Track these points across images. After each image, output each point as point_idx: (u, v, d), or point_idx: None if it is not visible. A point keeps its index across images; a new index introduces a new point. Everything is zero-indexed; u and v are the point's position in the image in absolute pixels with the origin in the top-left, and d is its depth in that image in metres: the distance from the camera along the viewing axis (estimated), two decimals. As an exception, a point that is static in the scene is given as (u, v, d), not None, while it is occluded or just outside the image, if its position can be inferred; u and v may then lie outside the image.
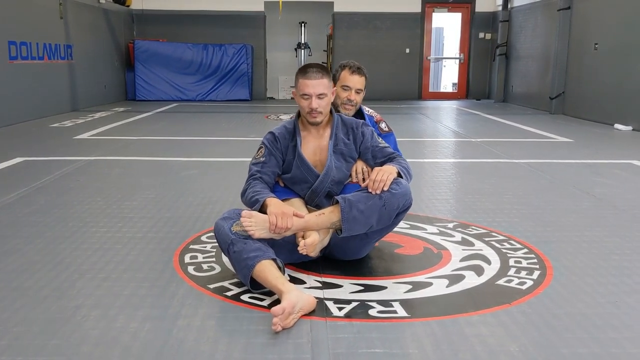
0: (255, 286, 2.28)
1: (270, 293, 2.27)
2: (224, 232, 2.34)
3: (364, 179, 2.60)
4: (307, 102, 2.53)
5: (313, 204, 2.63)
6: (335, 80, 2.93)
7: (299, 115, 2.67)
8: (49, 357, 1.81)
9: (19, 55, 7.87)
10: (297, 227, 2.37)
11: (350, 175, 2.65)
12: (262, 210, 2.39)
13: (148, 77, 11.77)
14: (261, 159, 2.60)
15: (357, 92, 2.95)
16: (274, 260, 2.27)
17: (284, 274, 2.27)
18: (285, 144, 2.62)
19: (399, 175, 2.45)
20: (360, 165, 2.65)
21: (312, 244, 2.37)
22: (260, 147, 2.64)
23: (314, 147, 2.63)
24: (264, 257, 2.24)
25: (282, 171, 2.64)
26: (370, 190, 2.38)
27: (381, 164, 2.57)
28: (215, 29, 12.47)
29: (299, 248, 2.36)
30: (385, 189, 2.36)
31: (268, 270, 2.21)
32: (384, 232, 2.57)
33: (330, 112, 2.65)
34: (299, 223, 2.37)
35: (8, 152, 5.48)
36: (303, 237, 2.41)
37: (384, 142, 2.69)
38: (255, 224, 2.31)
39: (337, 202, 2.38)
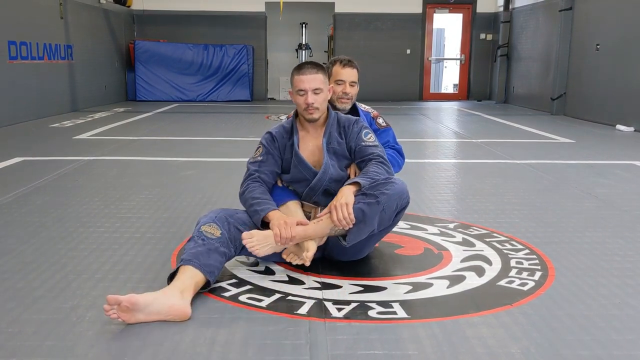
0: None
1: (269, 293, 2.26)
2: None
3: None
4: (303, 97, 2.51)
5: (311, 201, 2.60)
6: (328, 77, 2.91)
7: (297, 115, 2.65)
8: (43, 357, 1.79)
9: (19, 55, 7.86)
10: (300, 237, 2.37)
11: (349, 177, 2.61)
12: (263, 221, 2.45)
13: (148, 77, 11.76)
14: (259, 158, 2.59)
15: (352, 85, 2.94)
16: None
17: None
18: (283, 142, 2.60)
19: (359, 187, 2.39)
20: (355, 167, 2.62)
21: (310, 257, 2.37)
22: (259, 147, 2.63)
23: (312, 147, 2.60)
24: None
25: (282, 170, 2.62)
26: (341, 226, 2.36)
27: (359, 165, 2.57)
28: (216, 29, 12.46)
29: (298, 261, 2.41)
30: (350, 225, 2.33)
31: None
32: (384, 232, 2.55)
33: (328, 110, 2.63)
34: (300, 233, 2.37)
35: (7, 152, 5.46)
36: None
37: (371, 140, 2.58)
38: (257, 242, 2.34)
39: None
